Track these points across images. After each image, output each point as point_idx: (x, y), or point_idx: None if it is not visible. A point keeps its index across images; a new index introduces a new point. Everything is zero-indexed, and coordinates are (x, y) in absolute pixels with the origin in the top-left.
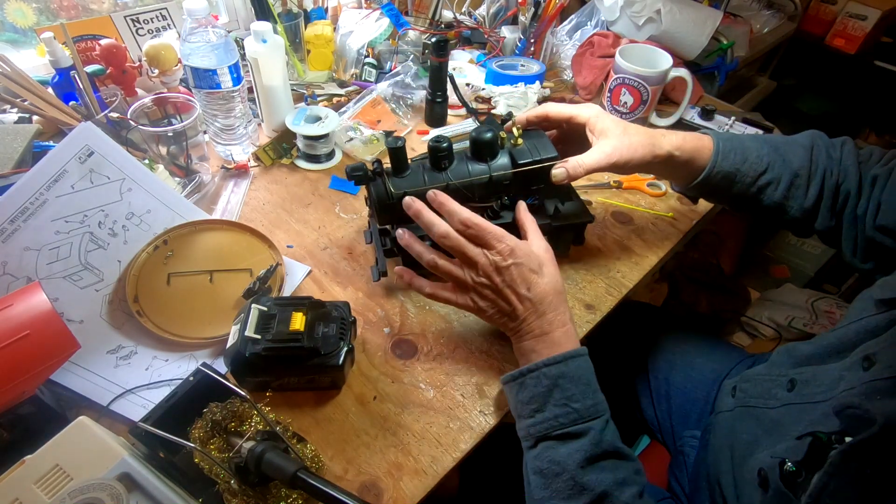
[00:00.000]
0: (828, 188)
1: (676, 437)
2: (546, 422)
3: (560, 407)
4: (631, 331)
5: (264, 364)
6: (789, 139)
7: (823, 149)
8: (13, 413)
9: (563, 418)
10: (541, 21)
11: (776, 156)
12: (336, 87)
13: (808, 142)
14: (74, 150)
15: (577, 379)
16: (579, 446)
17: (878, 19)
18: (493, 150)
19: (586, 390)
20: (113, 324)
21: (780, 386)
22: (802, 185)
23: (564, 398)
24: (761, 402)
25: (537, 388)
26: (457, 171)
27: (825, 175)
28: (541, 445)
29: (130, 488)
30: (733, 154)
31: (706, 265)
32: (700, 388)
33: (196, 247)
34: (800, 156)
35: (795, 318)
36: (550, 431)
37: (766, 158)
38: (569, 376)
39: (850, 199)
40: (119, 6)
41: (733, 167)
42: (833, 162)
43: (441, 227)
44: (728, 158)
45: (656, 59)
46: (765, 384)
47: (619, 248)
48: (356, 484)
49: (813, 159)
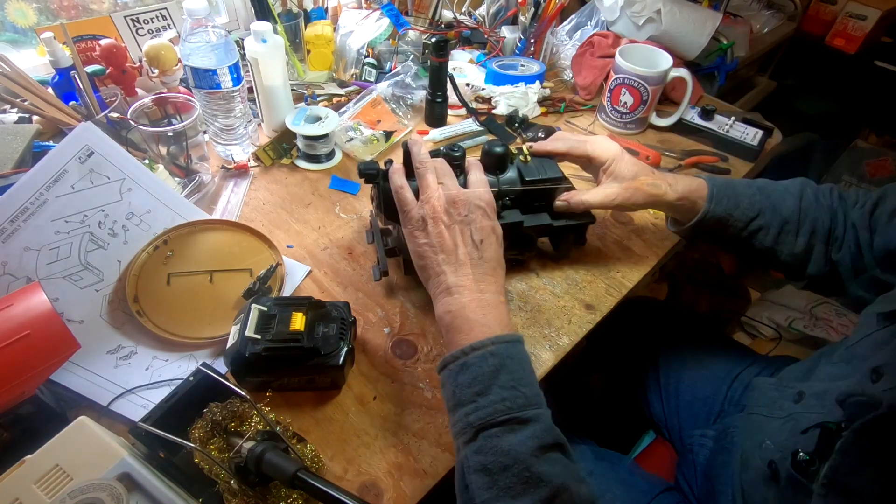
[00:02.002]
0: (819, 234)
1: (685, 434)
2: (491, 405)
3: (507, 389)
4: (639, 326)
5: (264, 364)
6: (779, 186)
7: (812, 196)
8: (13, 413)
9: (510, 402)
10: (541, 21)
11: (767, 203)
12: (336, 87)
13: (797, 190)
14: (74, 150)
15: (524, 363)
16: (531, 433)
17: (878, 19)
18: (503, 164)
19: (532, 378)
20: (113, 324)
21: (787, 398)
22: (792, 231)
23: (512, 380)
24: (766, 410)
25: (482, 367)
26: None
27: (815, 223)
28: (482, 436)
29: (130, 488)
30: (726, 200)
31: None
32: (709, 387)
33: (196, 247)
34: (789, 203)
35: (795, 319)
36: (496, 417)
37: (758, 205)
38: (516, 358)
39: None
40: (119, 6)
41: (725, 212)
42: (823, 209)
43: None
44: (721, 204)
45: (656, 59)
46: (771, 394)
47: (619, 248)
48: (356, 484)
49: (802, 208)
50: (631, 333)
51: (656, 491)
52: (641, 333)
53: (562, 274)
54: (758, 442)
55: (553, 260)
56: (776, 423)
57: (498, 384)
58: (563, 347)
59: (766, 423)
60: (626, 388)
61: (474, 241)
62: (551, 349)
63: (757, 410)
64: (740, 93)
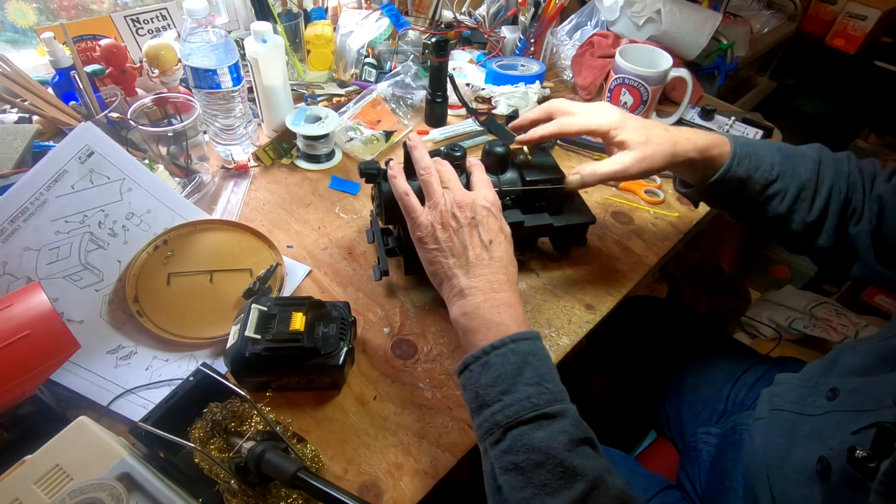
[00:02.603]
0: (834, 204)
1: (687, 433)
2: (517, 403)
3: (533, 386)
4: (639, 325)
5: (264, 364)
6: (797, 150)
7: (831, 163)
8: (13, 413)
9: (536, 398)
10: (541, 21)
11: (787, 166)
12: (336, 87)
13: (815, 154)
14: (74, 150)
15: (545, 359)
16: (561, 427)
17: (878, 19)
18: (503, 165)
19: (554, 373)
20: (113, 324)
21: (818, 394)
22: (808, 198)
23: (536, 376)
24: (797, 408)
25: (505, 366)
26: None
27: (832, 191)
28: (511, 435)
29: (130, 488)
30: (748, 160)
31: (706, 265)
32: (712, 387)
33: (196, 247)
34: (808, 167)
35: (795, 319)
36: (523, 414)
37: (777, 168)
38: (538, 354)
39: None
40: (119, 6)
41: (746, 173)
42: (841, 177)
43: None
44: (743, 164)
45: (656, 60)
46: (800, 391)
47: (619, 248)
48: (356, 484)
49: (820, 172)
50: (631, 333)
51: (657, 489)
52: (642, 333)
53: (562, 274)
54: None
55: (553, 260)
56: (812, 420)
57: (522, 381)
58: (563, 347)
59: (799, 420)
60: (626, 388)
61: (483, 242)
62: (551, 349)
63: (786, 407)
64: (740, 93)
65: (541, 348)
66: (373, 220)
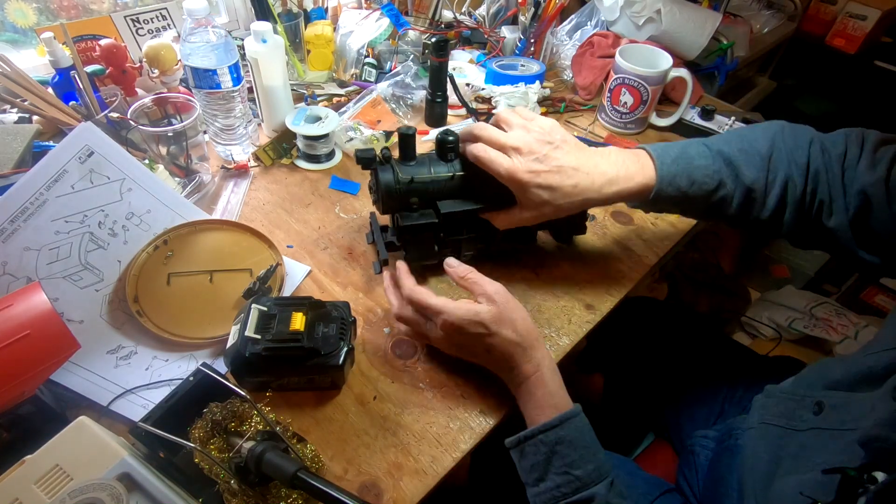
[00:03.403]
0: (791, 198)
1: (685, 435)
2: (548, 491)
3: (561, 475)
4: (638, 326)
5: (264, 364)
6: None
7: (784, 154)
8: (13, 413)
9: (564, 487)
10: (541, 21)
11: (728, 171)
12: (336, 87)
13: (766, 147)
14: (74, 150)
15: (576, 443)
16: None
17: (878, 19)
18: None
19: (585, 454)
20: (113, 324)
21: (805, 408)
22: (759, 198)
23: (564, 465)
24: (784, 421)
25: (536, 456)
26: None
27: (786, 186)
28: None
29: (130, 488)
30: (679, 178)
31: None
32: (709, 388)
33: (196, 247)
34: (756, 166)
35: (795, 319)
36: (555, 502)
37: (717, 175)
38: (567, 441)
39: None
40: (119, 6)
41: (679, 192)
42: (797, 168)
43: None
44: (673, 184)
45: (656, 59)
46: (788, 403)
47: (619, 248)
48: (356, 484)
49: (770, 168)
50: (631, 333)
51: (657, 492)
52: (641, 333)
53: (562, 274)
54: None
55: (553, 259)
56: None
57: (552, 471)
58: (563, 347)
59: (786, 437)
60: (625, 389)
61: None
62: (551, 349)
63: (773, 421)
64: (740, 93)
65: (570, 432)
66: (371, 221)
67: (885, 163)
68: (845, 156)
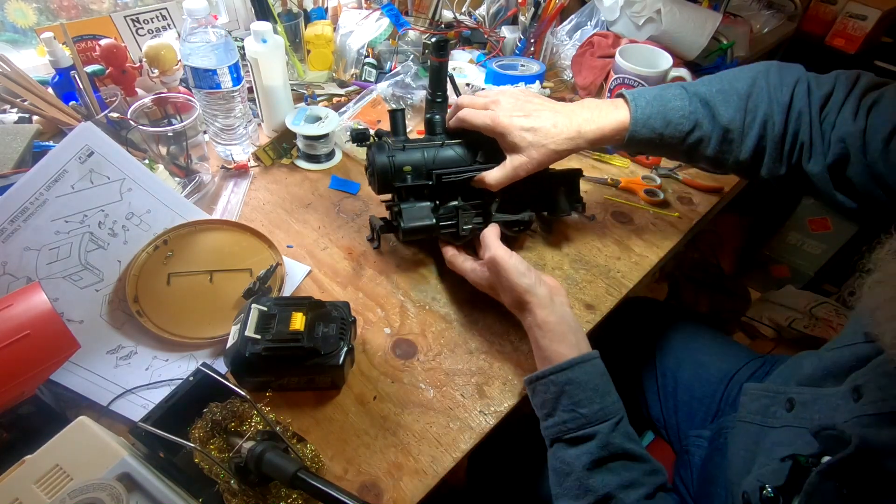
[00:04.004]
0: (770, 139)
1: (682, 435)
2: (556, 426)
3: (568, 412)
4: (638, 326)
5: (264, 364)
6: (728, 86)
7: (765, 93)
8: (13, 413)
9: (570, 423)
10: (541, 21)
11: (705, 112)
12: (336, 87)
13: (745, 87)
14: (74, 150)
15: (585, 384)
16: (586, 449)
17: (878, 19)
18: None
19: (593, 395)
20: (113, 324)
21: (779, 404)
22: (736, 139)
23: (572, 403)
24: (759, 418)
25: (546, 394)
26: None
27: (765, 125)
28: (555, 446)
29: (130, 488)
30: (653, 119)
31: (706, 265)
32: (707, 387)
33: (196, 247)
34: (733, 106)
35: (796, 319)
36: (561, 435)
37: (693, 116)
38: (576, 382)
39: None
40: (119, 6)
41: (654, 133)
42: (778, 107)
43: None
44: (648, 125)
45: (656, 59)
46: (762, 400)
47: (619, 248)
48: (356, 484)
49: (748, 108)
50: (631, 333)
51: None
52: (641, 333)
53: (562, 274)
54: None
55: (553, 259)
56: (773, 434)
57: (560, 408)
58: None
59: (762, 434)
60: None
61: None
62: None
63: (750, 418)
64: None
65: (580, 374)
66: (372, 223)
67: (864, 111)
68: (829, 98)
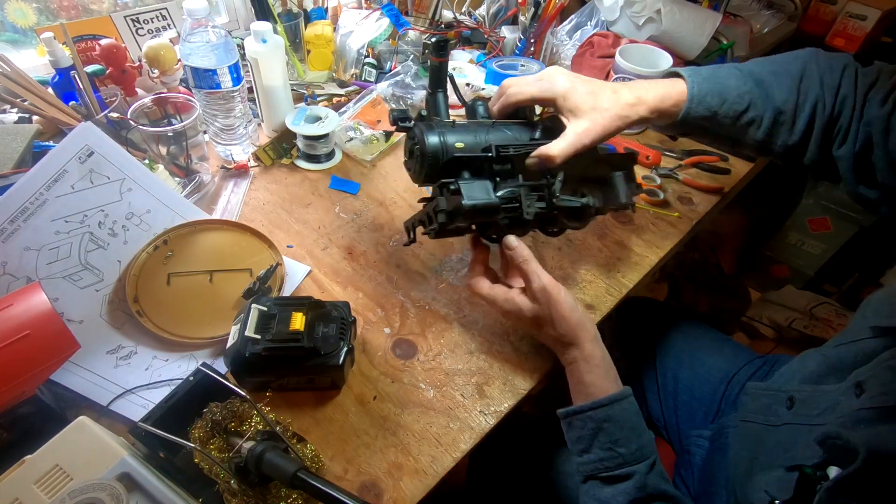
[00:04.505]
0: (819, 122)
1: (682, 435)
2: (591, 463)
3: (605, 450)
4: (638, 326)
5: (264, 364)
6: (780, 68)
7: (817, 76)
8: (13, 413)
9: (608, 461)
10: (541, 21)
11: (759, 92)
12: (336, 87)
13: (798, 69)
14: (74, 150)
15: (623, 423)
16: (623, 489)
17: (878, 19)
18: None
19: (631, 434)
20: (113, 324)
21: (779, 402)
22: (787, 121)
23: (609, 442)
24: (761, 418)
25: (583, 430)
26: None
27: (815, 108)
28: (589, 483)
29: (130, 488)
30: (710, 97)
31: (706, 265)
32: (707, 387)
33: (196, 247)
34: (786, 88)
35: (796, 319)
36: (597, 472)
37: (748, 96)
38: (614, 420)
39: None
40: (119, 6)
41: (710, 111)
42: (828, 90)
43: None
44: (704, 102)
45: (656, 59)
46: (763, 399)
47: (619, 248)
48: (356, 484)
49: (801, 90)
50: (631, 333)
51: None
52: (641, 333)
53: (562, 274)
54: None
55: (553, 259)
56: (774, 433)
57: (597, 445)
58: None
59: (764, 432)
60: None
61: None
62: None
63: (751, 418)
64: None
65: (618, 412)
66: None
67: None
68: (873, 86)
